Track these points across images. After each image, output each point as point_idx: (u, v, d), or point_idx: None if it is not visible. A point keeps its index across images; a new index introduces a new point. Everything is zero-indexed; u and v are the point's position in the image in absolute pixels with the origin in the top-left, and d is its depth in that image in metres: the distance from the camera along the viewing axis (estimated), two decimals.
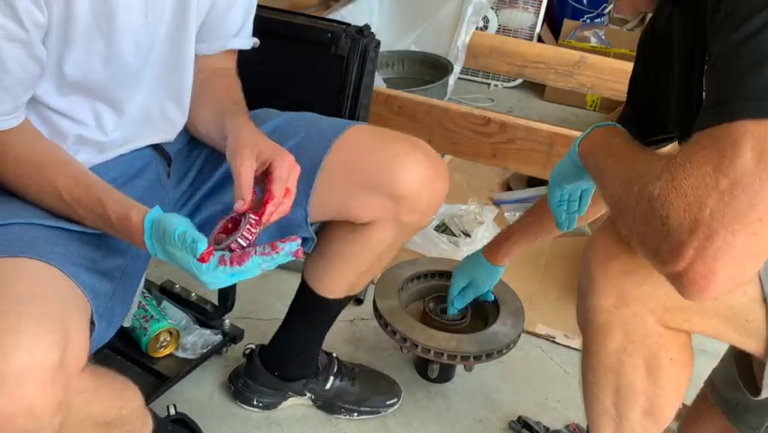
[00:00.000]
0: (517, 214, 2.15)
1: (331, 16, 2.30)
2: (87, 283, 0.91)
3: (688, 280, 0.74)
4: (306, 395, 1.45)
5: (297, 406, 1.47)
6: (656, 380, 0.96)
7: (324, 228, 1.26)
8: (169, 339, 1.47)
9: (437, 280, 1.65)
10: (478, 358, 1.42)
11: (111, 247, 1.01)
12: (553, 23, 3.37)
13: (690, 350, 0.96)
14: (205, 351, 1.49)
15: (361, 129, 1.19)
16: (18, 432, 0.76)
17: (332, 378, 1.45)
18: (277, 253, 0.91)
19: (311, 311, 1.37)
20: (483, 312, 1.58)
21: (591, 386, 1.03)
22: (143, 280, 1.37)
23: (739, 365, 1.04)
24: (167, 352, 1.47)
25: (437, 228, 2.01)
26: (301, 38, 1.70)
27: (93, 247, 0.98)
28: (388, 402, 1.49)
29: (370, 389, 1.48)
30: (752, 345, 0.93)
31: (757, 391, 0.94)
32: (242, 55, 1.25)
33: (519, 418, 1.47)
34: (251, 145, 1.00)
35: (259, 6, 1.28)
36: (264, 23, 1.29)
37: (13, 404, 0.75)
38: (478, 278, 1.48)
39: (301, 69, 1.45)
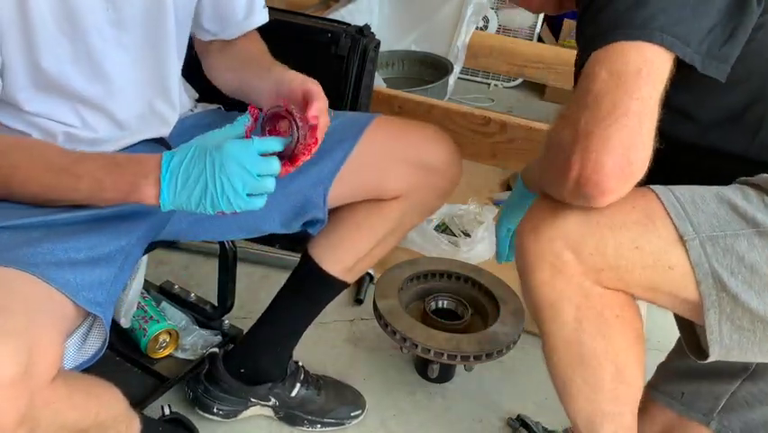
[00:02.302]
0: None
1: (331, 16, 2.29)
2: (73, 282, 0.91)
3: (584, 182, 0.84)
4: (270, 401, 1.41)
5: (260, 418, 1.43)
6: (611, 339, 0.97)
7: (341, 206, 1.26)
8: (168, 340, 1.47)
9: (437, 280, 1.65)
10: (478, 358, 1.42)
11: (113, 229, 1.02)
12: (553, 22, 3.36)
13: (633, 307, 0.97)
14: (204, 352, 1.47)
15: (387, 118, 1.27)
16: None
17: (298, 385, 1.41)
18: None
19: (304, 291, 1.34)
20: (483, 312, 1.58)
21: (558, 369, 1.03)
22: (143, 279, 1.37)
23: (683, 332, 1.04)
24: (166, 353, 1.47)
25: (437, 228, 2.01)
26: (301, 38, 1.70)
27: (93, 233, 0.98)
28: (352, 414, 1.45)
29: (334, 399, 1.45)
30: (682, 297, 0.92)
31: (704, 354, 0.94)
32: None
33: (518, 416, 1.47)
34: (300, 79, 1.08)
35: None
36: (264, 23, 1.29)
37: None
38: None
39: (301, 69, 1.44)
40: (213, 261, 1.60)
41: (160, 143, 1.19)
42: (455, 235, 1.99)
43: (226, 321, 1.55)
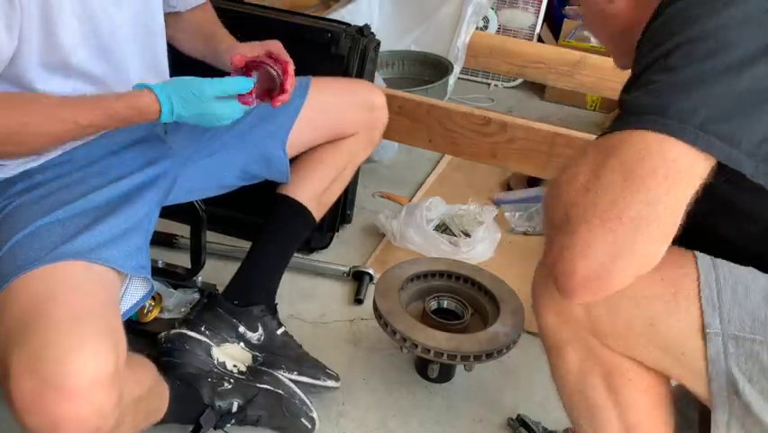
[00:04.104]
0: (518, 214, 2.15)
1: (331, 16, 2.30)
2: (117, 257, 1.04)
3: (557, 273, 0.78)
4: (257, 331, 1.43)
5: None
6: (618, 398, 0.91)
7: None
8: (153, 304, 1.55)
9: (437, 280, 1.65)
10: (478, 358, 1.42)
11: (138, 199, 1.17)
12: (553, 22, 3.36)
13: (650, 374, 0.90)
14: (187, 309, 1.56)
15: (321, 77, 1.47)
16: (90, 430, 0.91)
17: (283, 328, 1.48)
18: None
19: (280, 223, 1.47)
20: (483, 312, 1.58)
21: (566, 407, 1.00)
22: None
23: (701, 421, 0.99)
24: (153, 316, 1.54)
25: (437, 228, 2.01)
26: (301, 38, 1.70)
27: (124, 206, 1.14)
28: (328, 371, 1.47)
29: (313, 359, 1.48)
30: (693, 383, 0.86)
31: None
32: None
33: (518, 416, 1.47)
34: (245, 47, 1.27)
35: (259, 6, 1.28)
36: (264, 23, 1.29)
37: (87, 409, 0.90)
38: None
39: (301, 69, 1.46)
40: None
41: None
42: (455, 235, 1.99)
43: (199, 279, 1.64)
